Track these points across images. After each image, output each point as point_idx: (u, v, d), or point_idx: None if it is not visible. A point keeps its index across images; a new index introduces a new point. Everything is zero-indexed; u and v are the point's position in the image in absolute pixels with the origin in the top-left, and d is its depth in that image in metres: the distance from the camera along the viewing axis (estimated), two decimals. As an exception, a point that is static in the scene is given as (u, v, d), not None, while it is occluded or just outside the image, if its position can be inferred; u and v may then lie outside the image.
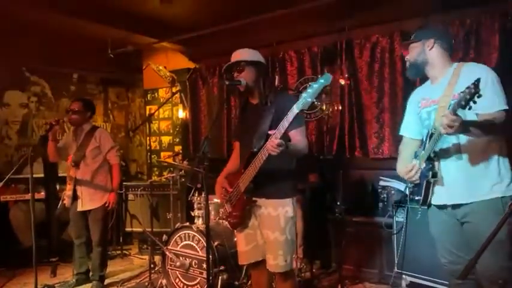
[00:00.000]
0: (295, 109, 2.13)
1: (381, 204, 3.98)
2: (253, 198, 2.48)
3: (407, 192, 3.45)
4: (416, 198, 2.23)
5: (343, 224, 3.92)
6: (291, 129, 2.32)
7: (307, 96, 2.09)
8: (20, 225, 4.78)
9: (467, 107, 1.76)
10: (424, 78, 2.37)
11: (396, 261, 3.48)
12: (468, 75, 2.04)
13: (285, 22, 4.26)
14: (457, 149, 2.09)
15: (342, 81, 4.36)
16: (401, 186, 3.69)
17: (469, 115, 1.98)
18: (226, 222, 2.74)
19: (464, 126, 1.86)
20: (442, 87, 2.15)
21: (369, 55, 4.24)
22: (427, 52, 2.21)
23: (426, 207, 2.26)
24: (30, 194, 3.49)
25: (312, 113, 4.62)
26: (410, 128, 2.40)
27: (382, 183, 3.98)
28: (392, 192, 3.83)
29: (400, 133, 2.48)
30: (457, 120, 1.80)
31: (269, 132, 2.23)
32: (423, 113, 2.28)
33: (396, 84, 4.10)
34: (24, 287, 4.09)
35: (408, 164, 2.19)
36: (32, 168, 3.45)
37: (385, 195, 3.93)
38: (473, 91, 1.74)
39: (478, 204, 2.05)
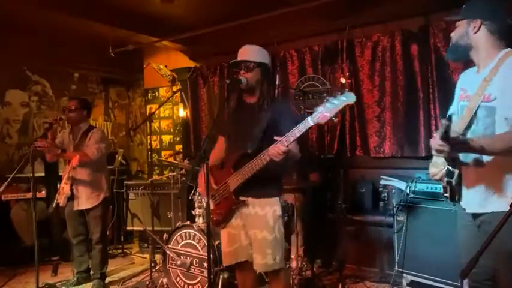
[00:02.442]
0: (309, 121, 2.13)
1: (381, 203, 3.98)
2: (242, 199, 2.47)
3: (408, 191, 3.49)
4: (445, 194, 2.06)
5: (344, 223, 3.92)
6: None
7: (324, 111, 2.08)
8: (21, 224, 4.78)
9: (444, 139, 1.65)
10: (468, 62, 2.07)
11: (397, 260, 3.48)
12: (505, 73, 1.80)
13: (286, 21, 4.26)
14: (478, 156, 1.89)
15: (343, 80, 4.36)
16: (402, 185, 3.69)
17: (498, 119, 1.81)
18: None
19: (461, 149, 1.75)
20: (479, 82, 1.87)
21: (369, 54, 4.23)
22: (471, 35, 1.90)
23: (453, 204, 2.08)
24: (31, 193, 3.49)
25: (312, 112, 4.61)
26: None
27: (383, 182, 3.99)
28: (393, 191, 3.84)
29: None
30: (444, 146, 1.70)
31: (275, 137, 2.22)
32: (459, 106, 2.03)
33: (397, 83, 4.09)
34: (25, 286, 4.10)
35: (437, 166, 2.02)
36: (33, 167, 3.45)
37: (385, 194, 3.94)
38: (443, 130, 1.61)
39: (495, 215, 1.84)
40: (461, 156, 1.93)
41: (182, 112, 5.81)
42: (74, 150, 3.85)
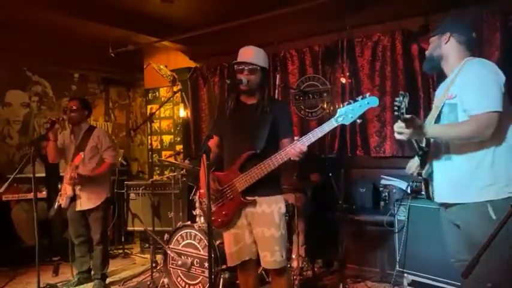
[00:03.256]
0: (333, 122, 2.20)
1: (382, 203, 3.98)
2: (249, 198, 2.47)
3: (408, 191, 3.49)
4: (422, 192, 2.34)
5: (345, 222, 3.92)
6: (286, 137, 2.46)
7: (349, 113, 2.16)
8: (22, 225, 4.79)
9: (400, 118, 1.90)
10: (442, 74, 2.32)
11: (398, 260, 3.48)
12: (463, 75, 2.06)
13: (286, 21, 4.26)
14: (447, 148, 2.09)
15: (343, 80, 4.36)
16: (403, 184, 3.69)
17: (460, 114, 2.02)
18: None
19: (418, 132, 1.97)
20: (446, 85, 2.16)
21: (370, 54, 4.23)
22: (443, 46, 2.18)
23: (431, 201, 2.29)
24: (32, 194, 3.49)
25: (313, 112, 4.62)
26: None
27: (383, 181, 3.99)
28: (394, 190, 3.84)
29: None
30: (403, 128, 1.94)
31: (295, 138, 2.29)
32: (433, 107, 2.28)
33: (398, 83, 4.09)
34: (26, 286, 4.10)
35: (412, 166, 2.31)
36: (34, 168, 3.45)
37: (386, 194, 3.94)
38: (395, 107, 1.87)
39: (465, 206, 2.02)
40: (432, 149, 2.16)
41: (182, 112, 5.81)
42: (76, 150, 3.85)
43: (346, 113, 2.17)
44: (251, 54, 2.53)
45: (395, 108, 1.89)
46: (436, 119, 2.14)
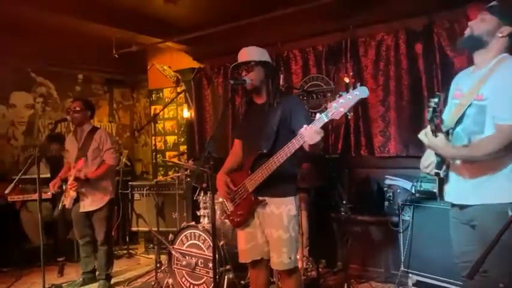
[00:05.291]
0: (324, 118, 2.14)
1: (386, 203, 3.96)
2: (260, 198, 2.48)
3: (413, 191, 3.47)
4: (434, 190, 2.20)
5: (349, 223, 3.91)
6: (302, 127, 2.32)
7: (338, 106, 2.10)
8: (27, 225, 4.80)
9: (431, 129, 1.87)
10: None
11: (402, 260, 3.46)
12: (499, 76, 1.89)
13: (290, 21, 4.26)
14: None
15: (347, 80, 4.35)
16: (407, 184, 3.67)
17: (488, 119, 1.90)
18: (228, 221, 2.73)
19: (442, 146, 1.90)
20: (474, 81, 1.96)
21: (374, 53, 4.22)
22: (497, 37, 1.94)
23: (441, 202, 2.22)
24: (37, 194, 3.51)
25: (317, 112, 4.60)
26: (445, 115, 2.18)
27: (388, 181, 3.97)
28: (398, 190, 3.82)
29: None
30: (432, 144, 1.91)
31: (298, 130, 2.20)
32: (452, 104, 2.13)
33: (401, 83, 4.08)
34: (31, 287, 4.12)
35: (428, 158, 2.11)
36: (38, 169, 3.47)
37: (391, 194, 3.91)
38: (431, 110, 1.80)
39: (485, 207, 1.93)
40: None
41: (186, 113, 5.81)
42: (79, 152, 3.87)
43: (336, 108, 2.11)
44: (244, 54, 2.54)
45: (431, 109, 1.80)
46: (459, 119, 1.99)
